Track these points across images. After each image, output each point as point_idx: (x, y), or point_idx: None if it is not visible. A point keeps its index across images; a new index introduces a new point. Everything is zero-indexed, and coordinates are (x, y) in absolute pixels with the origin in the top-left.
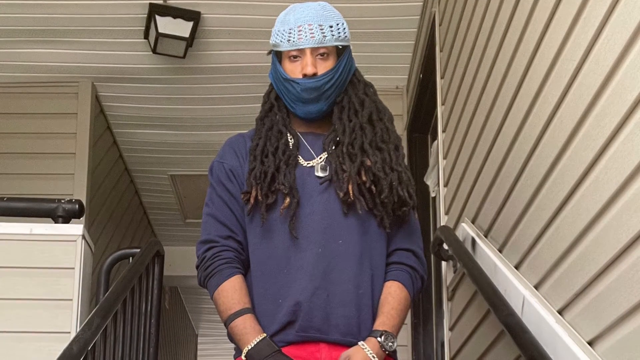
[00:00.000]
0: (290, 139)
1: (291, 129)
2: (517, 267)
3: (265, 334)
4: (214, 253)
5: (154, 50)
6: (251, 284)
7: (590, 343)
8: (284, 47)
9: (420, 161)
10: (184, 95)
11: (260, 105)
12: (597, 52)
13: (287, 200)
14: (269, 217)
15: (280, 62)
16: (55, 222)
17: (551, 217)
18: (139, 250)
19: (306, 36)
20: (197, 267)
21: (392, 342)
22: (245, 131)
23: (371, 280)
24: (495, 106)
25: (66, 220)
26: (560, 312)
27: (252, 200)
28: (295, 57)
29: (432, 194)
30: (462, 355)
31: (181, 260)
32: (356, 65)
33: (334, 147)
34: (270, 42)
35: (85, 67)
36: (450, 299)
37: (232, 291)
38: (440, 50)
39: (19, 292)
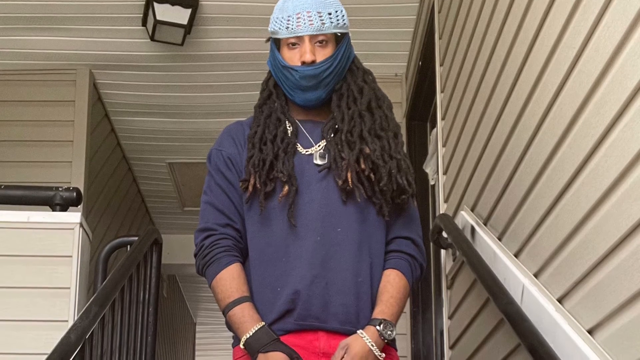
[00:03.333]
0: (289, 126)
1: (290, 116)
2: (516, 255)
3: (263, 323)
4: (212, 241)
5: (152, 38)
6: (250, 272)
7: (590, 332)
8: (282, 34)
9: (419, 149)
10: (182, 83)
11: (258, 92)
12: (597, 39)
13: (286, 188)
14: (268, 205)
15: (278, 49)
16: (53, 210)
17: (551, 205)
18: (136, 238)
19: (305, 23)
20: (195, 255)
21: (391, 331)
22: (244, 119)
23: (370, 269)
24: (494, 94)
25: (64, 208)
26: (560, 300)
27: (250, 188)
28: (293, 44)
29: (432, 182)
30: (461, 344)
31: (179, 249)
32: (355, 52)
33: (332, 135)
34: (269, 29)
35: (83, 55)
36: (449, 287)
37: (230, 279)
38: (440, 38)
39: (16, 281)
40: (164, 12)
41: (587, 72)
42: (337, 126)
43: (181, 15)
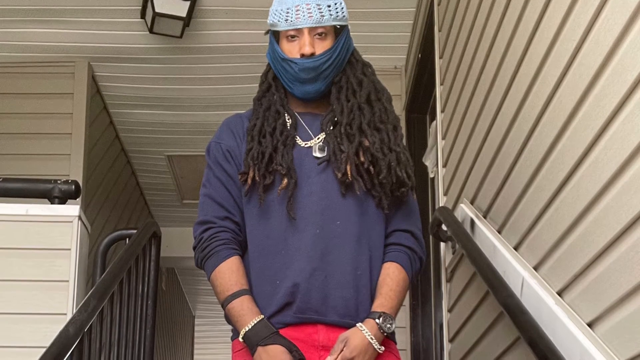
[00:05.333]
0: (288, 119)
1: (289, 109)
2: (516, 248)
3: (262, 316)
4: (211, 234)
5: (150, 30)
6: (249, 265)
7: (589, 325)
8: (281, 26)
9: (418, 141)
10: (181, 75)
11: (257, 85)
12: (596, 31)
13: (285, 181)
14: (267, 198)
15: (277, 42)
16: (52, 203)
17: (551, 197)
18: (135, 231)
19: (304, 16)
20: (194, 248)
21: (391, 324)
22: (243, 111)
23: (369, 262)
24: (494, 86)
25: (62, 201)
26: (559, 293)
27: (249, 181)
28: (293, 37)
29: (431, 175)
30: (461, 337)
31: (178, 242)
32: (354, 45)
33: (332, 128)
34: (268, 21)
35: (81, 47)
36: (449, 280)
37: (229, 272)
38: (439, 30)
39: (15, 274)
40: (162, 4)
41: (587, 64)
42: (336, 119)
43: (180, 7)
